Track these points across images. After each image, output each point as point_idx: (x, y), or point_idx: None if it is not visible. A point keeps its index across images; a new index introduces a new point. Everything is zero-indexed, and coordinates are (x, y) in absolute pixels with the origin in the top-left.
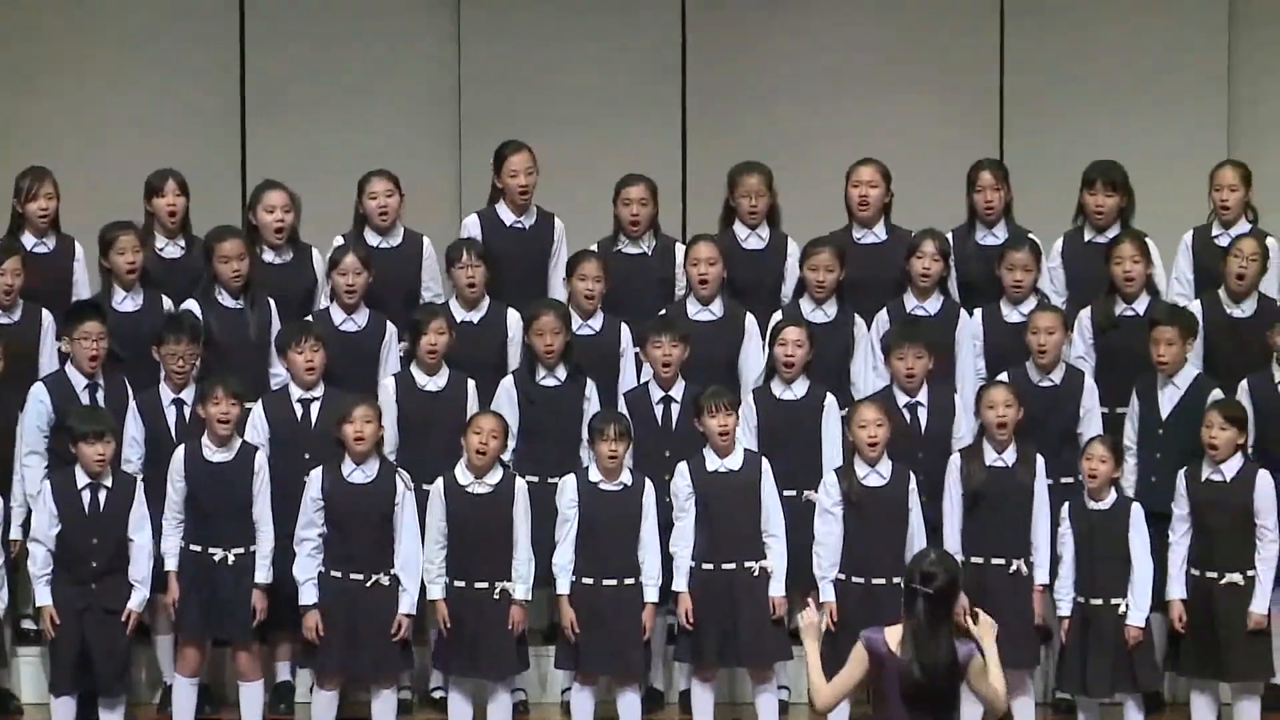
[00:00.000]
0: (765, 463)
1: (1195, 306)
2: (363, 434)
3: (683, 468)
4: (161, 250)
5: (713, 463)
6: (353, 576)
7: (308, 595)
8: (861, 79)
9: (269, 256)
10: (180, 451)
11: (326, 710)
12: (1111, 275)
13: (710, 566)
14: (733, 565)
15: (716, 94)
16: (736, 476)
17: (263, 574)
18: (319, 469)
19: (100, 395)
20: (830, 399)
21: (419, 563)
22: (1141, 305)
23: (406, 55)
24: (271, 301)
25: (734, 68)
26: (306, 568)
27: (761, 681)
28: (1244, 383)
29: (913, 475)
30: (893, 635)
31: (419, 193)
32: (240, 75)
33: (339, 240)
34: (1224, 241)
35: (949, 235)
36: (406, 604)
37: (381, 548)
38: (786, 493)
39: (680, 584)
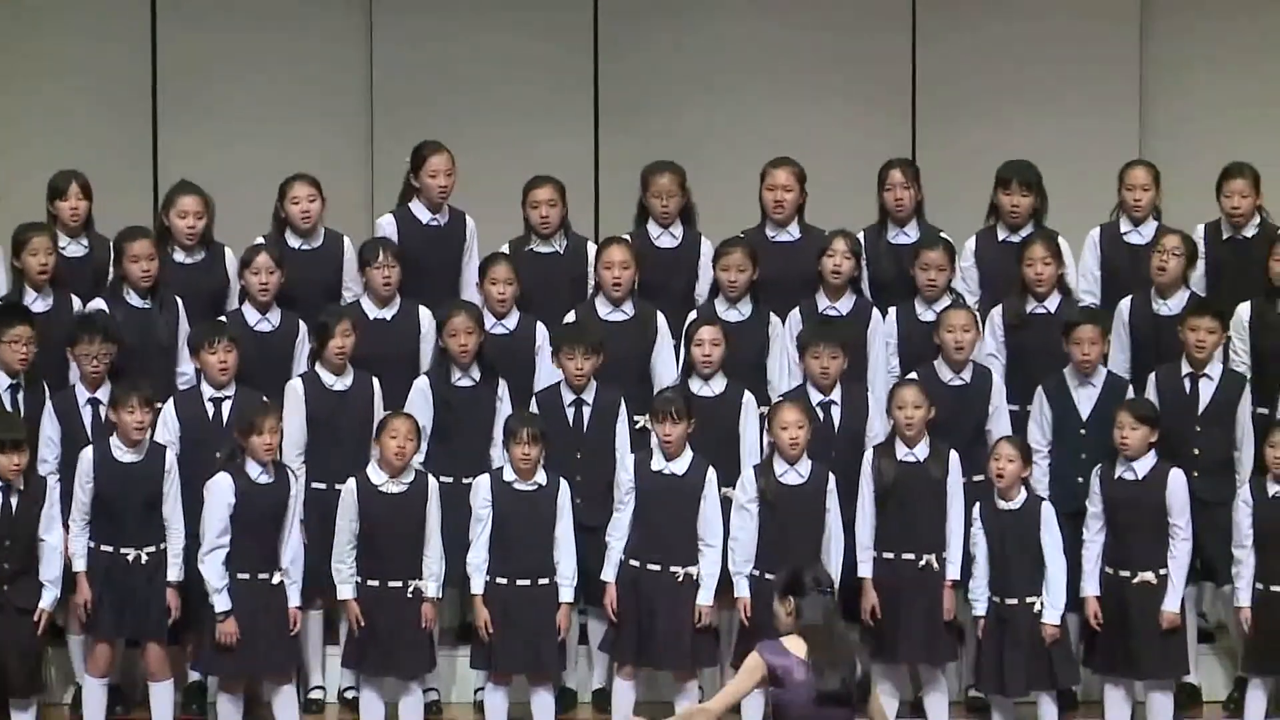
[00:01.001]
0: (711, 471)
1: (1124, 305)
2: (272, 444)
3: (628, 461)
4: (64, 249)
5: (658, 463)
6: (259, 577)
7: (223, 602)
8: (774, 78)
9: (180, 256)
10: (89, 452)
11: (233, 711)
12: (1022, 274)
13: (637, 564)
14: (659, 567)
15: (629, 94)
16: (680, 480)
17: (174, 572)
18: (225, 475)
19: (21, 396)
20: (748, 397)
21: (301, 555)
22: (1052, 304)
23: (318, 56)
24: (180, 301)
25: (646, 68)
26: (222, 574)
27: (682, 683)
28: (1152, 376)
29: (831, 475)
30: (791, 644)
31: (331, 193)
32: (152, 76)
33: (259, 241)
34: (1134, 239)
35: (860, 235)
36: (294, 597)
37: (276, 547)
38: None
39: (609, 574)
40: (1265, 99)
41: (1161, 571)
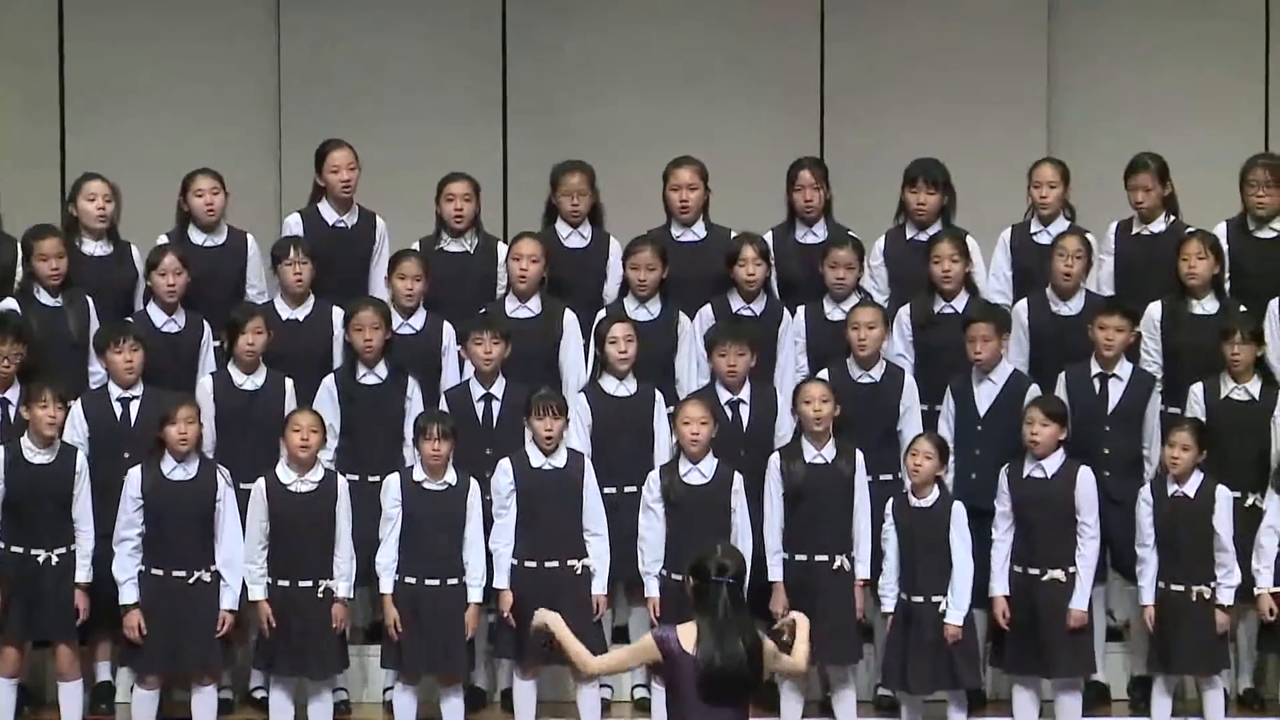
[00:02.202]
0: (588, 461)
1: (1022, 306)
2: (185, 434)
3: (505, 464)
4: None
5: (536, 459)
6: (175, 574)
7: (128, 594)
8: (682, 78)
9: (89, 248)
10: None
11: (147, 709)
12: (930, 273)
13: (533, 564)
14: (555, 563)
15: (538, 92)
16: (560, 474)
17: (83, 573)
18: (137, 468)
19: None
20: (659, 396)
21: (241, 559)
22: (960, 303)
23: (227, 51)
24: (90, 300)
25: (555, 66)
26: (126, 567)
27: (584, 680)
28: (1061, 376)
29: (737, 474)
30: (685, 633)
31: (239, 190)
32: (59, 71)
33: (163, 239)
34: (1043, 239)
35: (768, 234)
36: (229, 600)
37: (203, 544)
38: (607, 490)
39: (501, 581)
40: (1173, 96)
41: (1070, 570)
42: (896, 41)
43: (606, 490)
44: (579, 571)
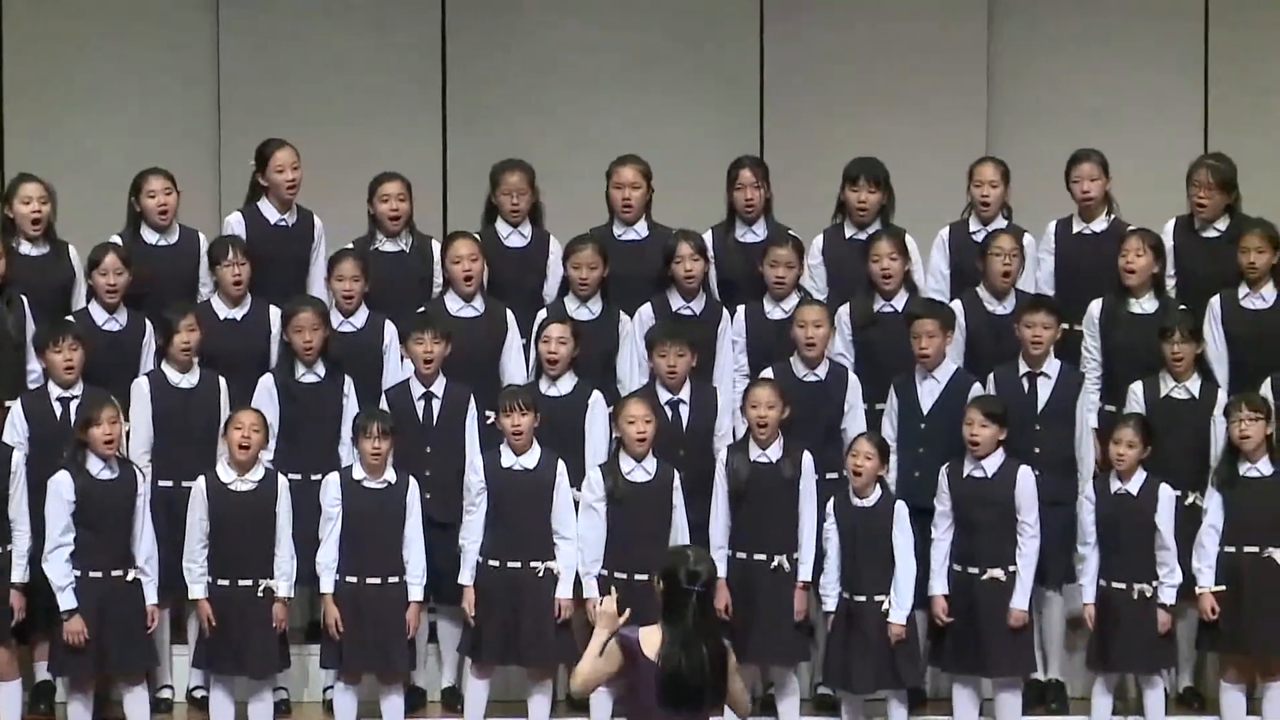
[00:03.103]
0: (561, 463)
1: (956, 305)
2: (111, 435)
3: (476, 462)
4: None
5: (508, 459)
6: (111, 574)
7: (68, 600)
8: (623, 76)
9: (25, 249)
10: None
11: (83, 711)
12: (869, 272)
13: (496, 564)
14: (519, 564)
15: (477, 91)
16: (530, 475)
17: (19, 573)
18: (63, 473)
19: None
20: (596, 395)
21: (157, 553)
22: (900, 301)
23: (166, 51)
24: (24, 299)
25: (495, 65)
26: (65, 572)
27: (539, 681)
28: (991, 376)
29: (677, 472)
30: (647, 637)
31: (179, 188)
32: None
33: (115, 239)
34: (981, 238)
35: (708, 233)
36: (152, 595)
37: (129, 544)
38: None
39: (466, 578)
40: (1113, 95)
41: (1010, 569)
42: (836, 41)
43: None
44: (542, 574)
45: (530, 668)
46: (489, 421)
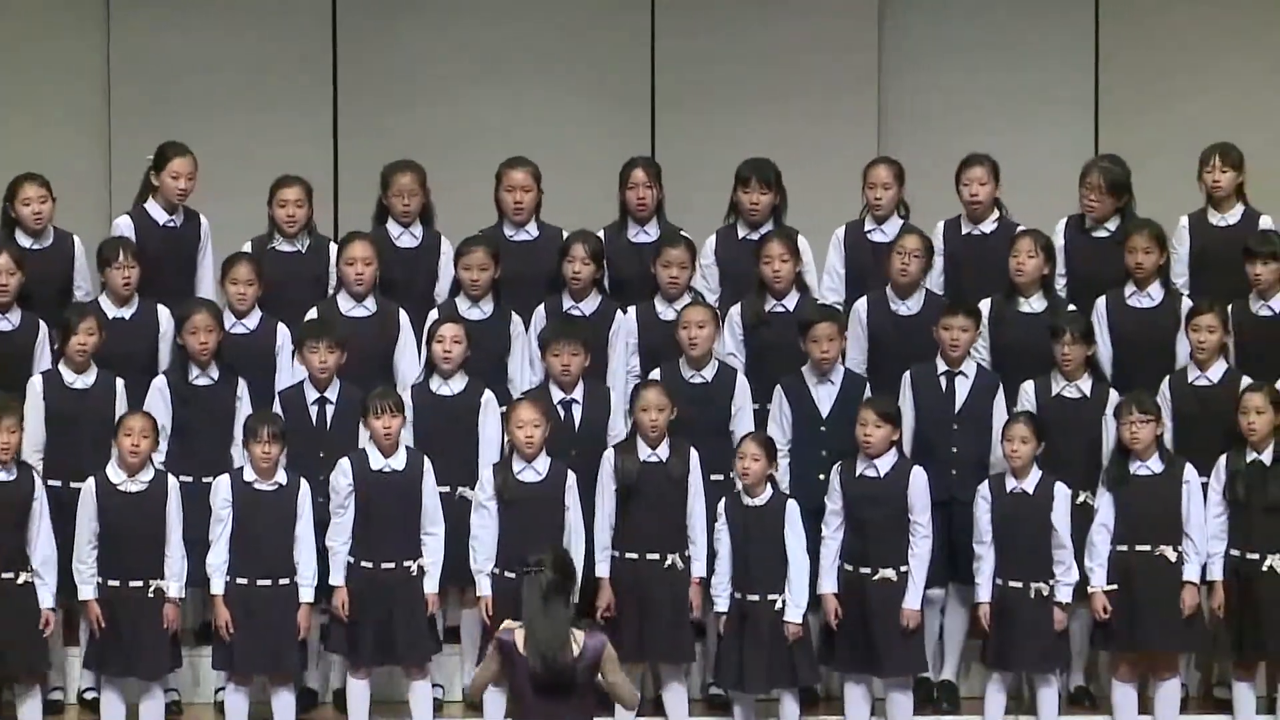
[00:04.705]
0: (427, 462)
1: (861, 305)
2: (9, 444)
3: (344, 463)
4: None
5: (376, 460)
6: (4, 576)
7: None
8: (514, 77)
9: None
10: None
11: None
12: (760, 273)
13: (369, 564)
14: (391, 565)
15: (369, 91)
16: (399, 475)
17: None
18: None
19: None
20: (488, 395)
21: (55, 556)
22: (791, 302)
23: (55, 51)
24: None
25: (385, 65)
26: None
27: (416, 678)
28: (906, 375)
29: (570, 472)
30: (519, 633)
31: (67, 190)
32: None
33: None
34: (877, 238)
35: (600, 233)
36: (47, 599)
37: (24, 545)
38: (441, 489)
39: (337, 579)
40: (1004, 95)
41: (902, 569)
42: (728, 40)
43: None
44: (414, 572)
45: (404, 665)
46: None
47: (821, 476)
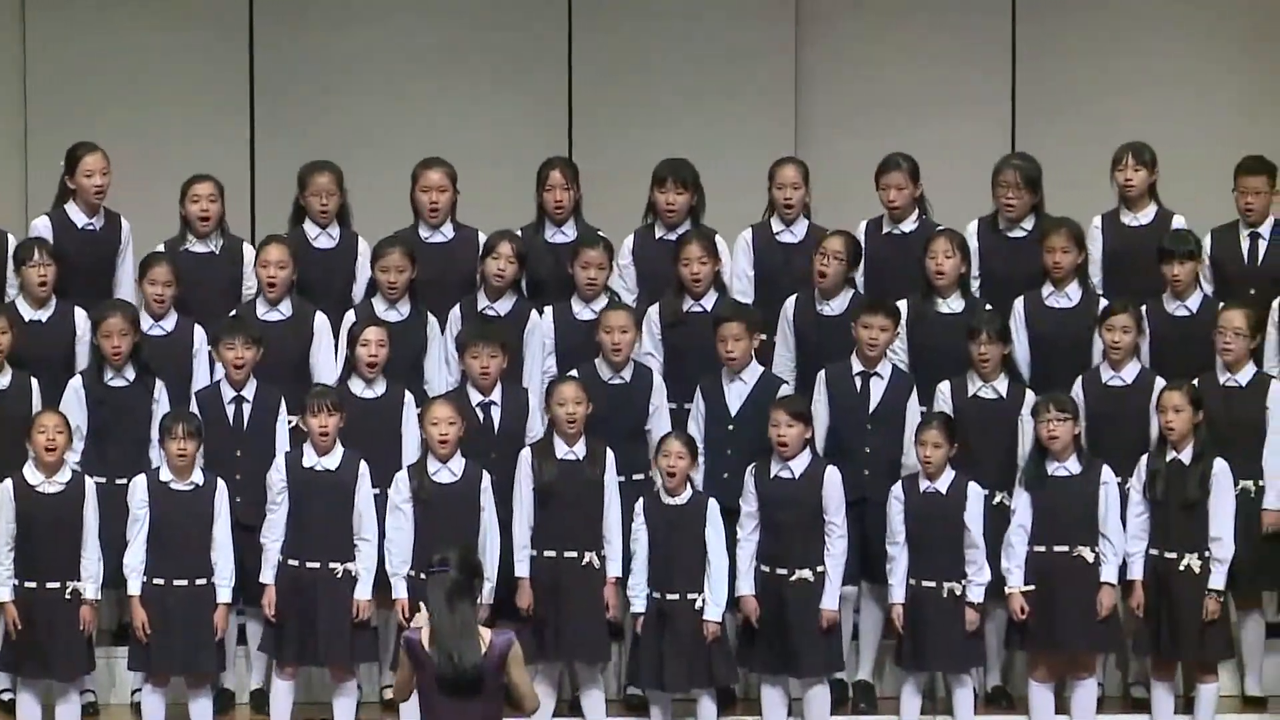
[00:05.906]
0: (364, 465)
1: (789, 304)
2: None
3: (279, 460)
4: None
5: (310, 459)
6: None
7: None
8: (431, 77)
9: None
10: None
11: None
12: (678, 273)
13: (296, 564)
14: (318, 564)
15: (285, 92)
16: (333, 475)
17: None
18: None
19: None
20: (408, 396)
21: None
22: (709, 302)
23: None
24: None
25: (302, 66)
26: None
27: (342, 681)
28: (821, 374)
29: (486, 473)
30: (426, 633)
31: None
32: None
33: None
34: (786, 238)
35: (518, 232)
36: None
37: None
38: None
39: (267, 576)
40: (920, 93)
41: (819, 569)
42: (644, 39)
43: None
44: (340, 575)
45: (330, 668)
46: (291, 425)
47: (725, 475)
